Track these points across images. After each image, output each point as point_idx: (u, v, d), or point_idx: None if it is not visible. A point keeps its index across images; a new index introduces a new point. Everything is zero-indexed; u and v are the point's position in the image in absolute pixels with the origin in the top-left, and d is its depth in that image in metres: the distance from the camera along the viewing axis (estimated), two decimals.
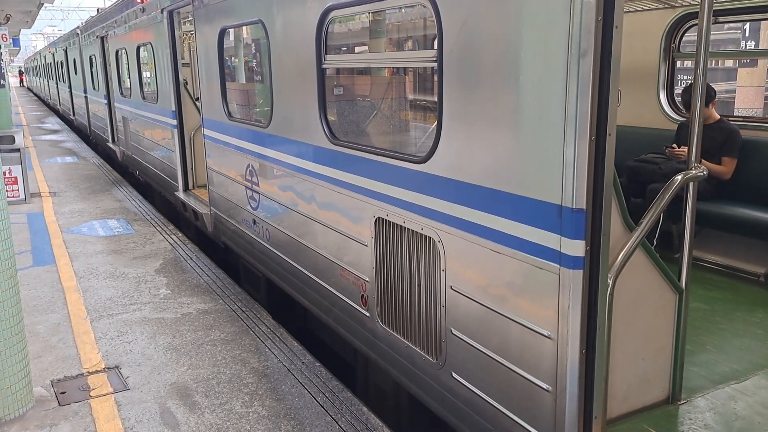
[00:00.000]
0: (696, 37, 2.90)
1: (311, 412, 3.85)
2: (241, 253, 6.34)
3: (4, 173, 9.58)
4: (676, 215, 3.70)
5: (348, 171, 4.08)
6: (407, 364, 3.71)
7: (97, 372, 4.44)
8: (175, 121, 8.07)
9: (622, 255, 2.65)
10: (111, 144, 13.54)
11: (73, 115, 20.97)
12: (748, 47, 25.06)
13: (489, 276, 2.97)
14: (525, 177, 2.69)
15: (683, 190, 3.02)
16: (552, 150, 2.53)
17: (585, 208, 2.46)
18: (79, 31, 16.39)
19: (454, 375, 3.31)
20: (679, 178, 2.90)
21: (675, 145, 5.33)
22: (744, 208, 4.88)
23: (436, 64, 3.13)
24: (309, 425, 3.72)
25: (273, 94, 4.99)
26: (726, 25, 23.54)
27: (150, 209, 9.40)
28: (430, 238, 3.34)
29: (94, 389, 4.19)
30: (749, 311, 4.24)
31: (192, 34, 7.06)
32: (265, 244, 5.61)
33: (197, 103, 7.51)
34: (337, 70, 5.01)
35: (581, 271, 2.51)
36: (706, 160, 5.15)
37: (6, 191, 9.35)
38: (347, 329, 4.39)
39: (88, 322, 5.32)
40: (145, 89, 9.75)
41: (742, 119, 5.93)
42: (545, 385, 2.72)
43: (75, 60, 18.09)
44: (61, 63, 22.30)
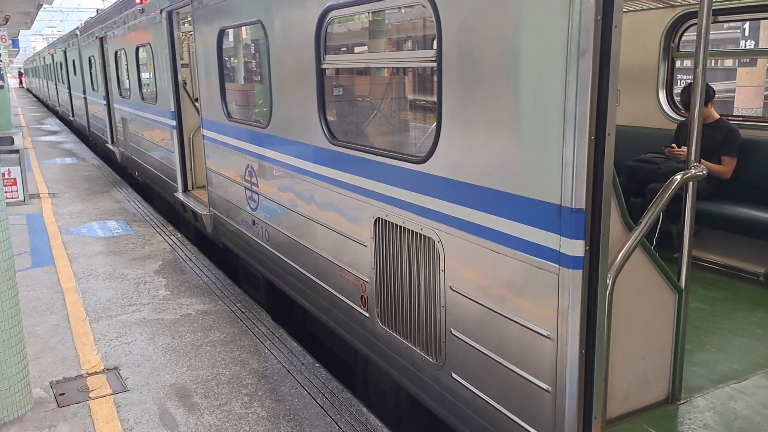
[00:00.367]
0: (695, 37, 2.90)
1: (311, 412, 3.84)
2: (241, 254, 6.34)
3: (3, 174, 9.58)
4: (675, 215, 3.70)
5: (347, 171, 4.07)
6: (407, 364, 3.71)
7: (96, 373, 4.43)
8: (175, 122, 8.06)
9: (621, 255, 2.64)
10: (110, 145, 13.54)
11: (73, 116, 20.97)
12: (747, 46, 25.07)
13: (488, 276, 2.96)
14: (524, 177, 2.69)
15: (682, 189, 3.02)
16: (551, 150, 2.52)
17: (584, 207, 2.45)
18: (78, 32, 16.38)
19: (453, 375, 3.30)
20: (679, 177, 2.90)
21: (674, 145, 5.33)
22: (744, 207, 4.88)
23: (435, 64, 3.13)
24: (308, 426, 3.71)
25: (272, 94, 4.98)
26: (725, 25, 23.57)
27: (149, 210, 9.40)
28: (429, 238, 3.34)
29: (93, 390, 4.19)
30: (749, 311, 4.23)
31: (191, 34, 7.05)
32: (265, 244, 5.60)
33: (196, 104, 7.50)
34: (337, 70, 5.00)
35: (581, 271, 2.51)
36: (705, 159, 5.15)
37: (5, 192, 9.34)
38: (347, 330, 4.38)
39: (87, 323, 5.31)
40: (145, 90, 9.74)
41: (741, 119, 5.93)
42: (545, 386, 2.71)
43: (74, 61, 18.09)
44: (60, 64, 22.30)
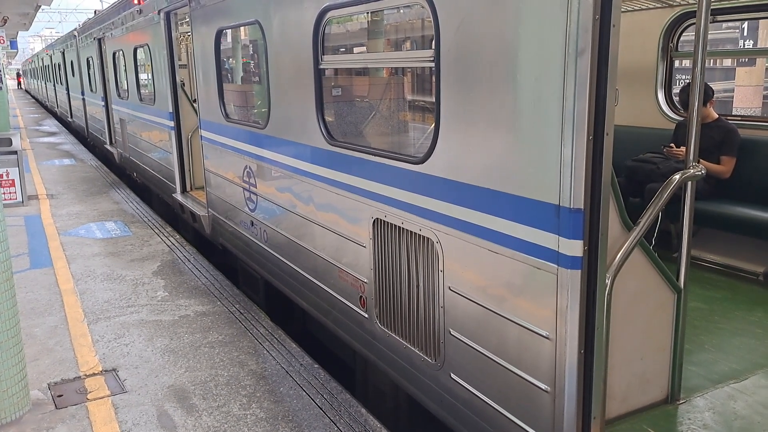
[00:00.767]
0: (694, 36, 2.89)
1: (309, 413, 3.83)
2: (239, 255, 6.33)
3: (1, 175, 9.57)
4: (674, 215, 3.70)
5: (346, 172, 4.06)
6: (406, 365, 3.70)
7: (95, 375, 4.42)
8: (173, 123, 8.05)
9: (620, 255, 2.64)
10: (108, 146, 13.52)
11: (71, 118, 20.95)
12: (746, 46, 25.10)
13: (487, 276, 2.96)
14: (523, 177, 2.68)
15: (681, 189, 3.01)
16: (550, 150, 2.52)
17: (583, 208, 2.45)
18: (77, 33, 16.37)
19: (452, 376, 3.29)
20: (677, 177, 2.89)
21: (673, 145, 5.33)
22: (743, 207, 4.87)
23: (433, 64, 3.12)
24: (307, 427, 3.70)
25: (270, 95, 4.97)
26: (724, 25, 23.60)
27: (148, 211, 9.38)
28: (428, 238, 3.33)
29: (91, 392, 4.17)
30: (748, 310, 4.23)
31: (189, 35, 7.04)
32: (263, 245, 5.59)
33: (195, 105, 7.49)
34: (335, 70, 5.00)
35: (579, 271, 2.50)
36: (704, 159, 5.14)
37: (3, 193, 9.33)
38: (346, 331, 4.37)
39: (85, 324, 5.30)
40: (143, 91, 9.73)
41: (740, 118, 5.93)
42: (544, 386, 2.70)
43: (72, 62, 18.08)
44: (59, 65, 22.29)
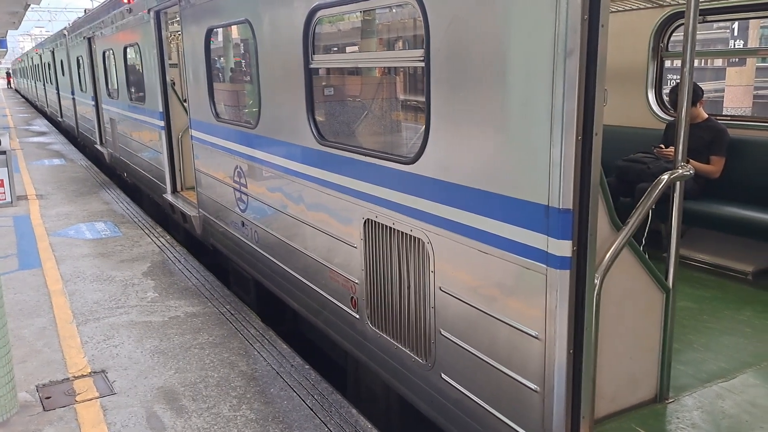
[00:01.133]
0: (683, 37, 2.90)
1: (300, 415, 3.82)
2: (230, 256, 6.30)
3: None
4: (664, 214, 3.71)
5: (336, 172, 4.05)
6: (397, 365, 3.70)
7: (83, 376, 4.39)
8: (163, 123, 8.01)
9: (609, 255, 2.64)
10: (99, 146, 13.44)
11: (61, 117, 20.82)
12: (736, 46, 25.29)
13: (478, 277, 2.96)
14: (512, 177, 2.68)
15: (670, 189, 3.02)
16: (539, 150, 2.52)
17: (572, 208, 2.45)
18: (66, 33, 16.26)
19: (443, 376, 3.29)
20: (666, 177, 2.90)
21: (663, 145, 5.35)
22: (732, 206, 4.90)
23: (423, 63, 3.11)
24: (298, 428, 3.69)
25: (261, 94, 4.96)
26: (715, 25, 23.76)
27: (138, 212, 9.33)
28: (419, 239, 3.32)
29: (79, 394, 4.14)
30: (737, 309, 4.25)
31: (179, 34, 7.01)
32: (254, 246, 5.57)
33: (185, 104, 7.46)
34: (325, 70, 4.98)
35: (568, 271, 2.50)
36: (694, 159, 5.17)
37: None
38: (337, 331, 4.36)
39: (74, 326, 5.26)
40: (133, 90, 9.68)
41: (729, 118, 5.96)
42: (533, 386, 2.71)
43: (62, 61, 17.96)
44: (48, 64, 22.14)
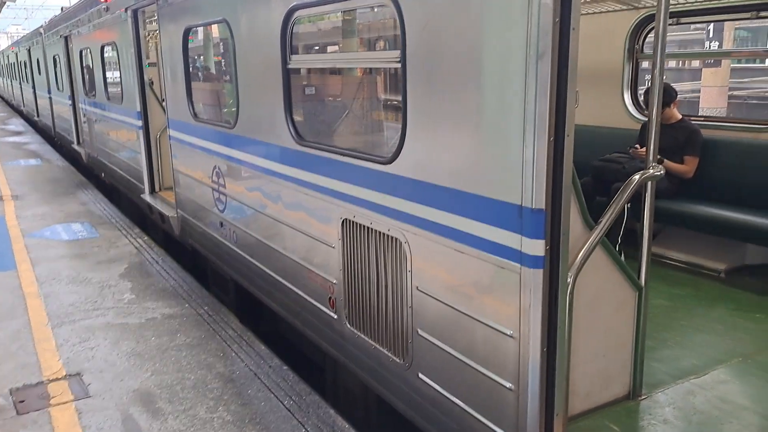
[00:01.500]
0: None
1: (277, 416, 3.81)
2: (209, 256, 6.26)
3: None
4: (640, 214, 3.78)
5: (314, 172, 4.05)
6: (375, 365, 3.70)
7: (58, 379, 4.33)
8: (141, 122, 7.93)
9: (582, 254, 2.68)
10: (76, 146, 13.26)
11: (38, 116, 20.49)
12: (712, 47, 25.71)
13: (454, 276, 2.98)
14: (487, 178, 2.70)
15: (643, 188, 3.07)
16: (512, 151, 2.54)
17: (544, 208, 2.48)
18: (43, 31, 16.02)
19: (420, 376, 3.31)
20: (637, 177, 2.95)
21: (638, 145, 5.42)
22: (706, 206, 4.98)
23: (400, 64, 3.13)
24: (275, 429, 3.68)
25: (239, 94, 4.93)
26: (692, 26, 24.15)
27: (115, 212, 9.22)
28: (396, 239, 3.33)
29: (54, 397, 4.09)
30: (709, 307, 4.33)
31: (157, 33, 6.95)
32: (233, 246, 5.54)
33: (163, 104, 7.39)
34: (303, 70, 4.98)
35: (542, 270, 2.53)
36: (668, 159, 5.25)
37: None
38: (315, 332, 4.36)
39: (49, 328, 5.19)
40: (110, 90, 9.57)
41: (703, 119, 6.07)
42: (508, 384, 2.73)
43: (38, 60, 17.68)
44: (25, 63, 21.78)
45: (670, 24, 5.90)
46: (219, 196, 5.67)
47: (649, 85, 3.00)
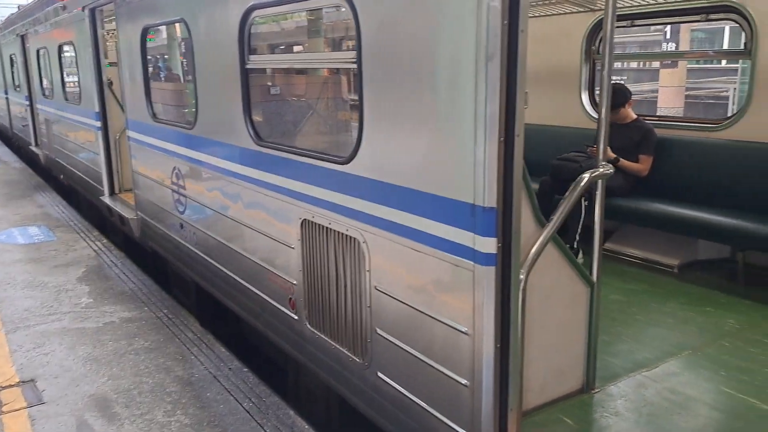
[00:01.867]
0: (602, 41, 3.02)
1: (236, 418, 3.78)
2: (170, 258, 6.17)
3: None
4: None
5: (273, 172, 4.03)
6: (335, 365, 3.70)
7: (11, 386, 4.22)
8: (99, 123, 7.76)
9: (533, 251, 2.72)
10: (34, 147, 12.92)
11: None
12: (669, 48, 26.36)
13: (411, 275, 3.00)
14: (441, 177, 2.73)
15: (594, 187, 3.14)
16: (465, 151, 2.57)
17: (496, 206, 2.52)
18: None
19: (379, 375, 3.32)
20: (587, 176, 3.02)
21: (595, 145, 5.52)
22: (660, 203, 5.11)
23: (356, 65, 3.13)
24: (233, 431, 3.66)
25: (197, 94, 4.88)
26: (652, 28, 24.72)
27: (74, 215, 9.02)
28: (354, 239, 3.34)
29: (6, 404, 3.98)
30: (663, 302, 4.44)
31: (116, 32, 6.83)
32: (194, 248, 5.48)
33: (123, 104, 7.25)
34: (262, 70, 4.95)
35: (494, 268, 2.57)
36: (624, 158, 5.38)
37: None
38: (276, 333, 4.33)
39: (2, 334, 5.05)
40: (68, 90, 9.35)
41: (658, 118, 6.23)
42: (463, 381, 2.76)
43: None
44: None
45: (625, 26, 6.07)
46: (179, 197, 5.60)
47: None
